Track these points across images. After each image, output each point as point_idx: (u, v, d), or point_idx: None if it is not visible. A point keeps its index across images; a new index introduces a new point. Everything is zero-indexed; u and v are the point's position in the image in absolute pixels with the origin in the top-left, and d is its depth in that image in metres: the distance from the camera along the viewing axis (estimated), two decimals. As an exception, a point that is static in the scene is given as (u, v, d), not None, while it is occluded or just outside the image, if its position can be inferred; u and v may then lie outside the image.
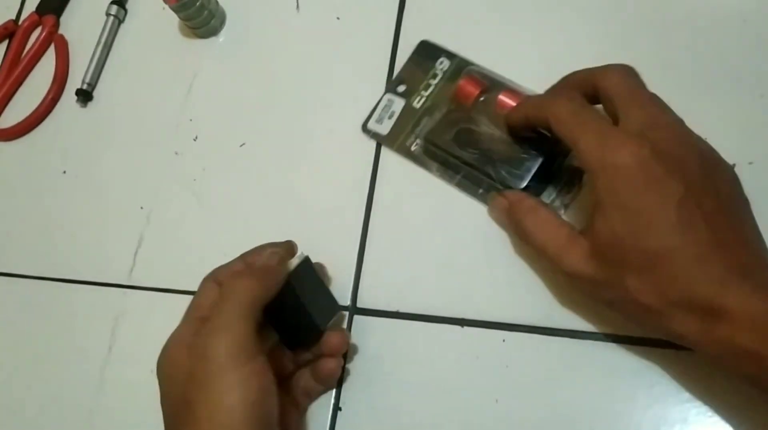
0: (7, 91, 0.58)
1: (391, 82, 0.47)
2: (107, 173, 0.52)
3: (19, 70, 0.58)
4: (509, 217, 0.39)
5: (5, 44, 0.60)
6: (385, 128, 0.46)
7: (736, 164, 0.36)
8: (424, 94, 0.46)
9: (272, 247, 0.40)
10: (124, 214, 0.50)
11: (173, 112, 0.52)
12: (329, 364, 0.40)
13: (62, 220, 0.52)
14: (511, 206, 0.39)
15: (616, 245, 0.33)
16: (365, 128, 0.47)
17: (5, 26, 0.60)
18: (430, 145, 0.44)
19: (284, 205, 0.47)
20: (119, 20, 0.57)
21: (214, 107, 0.52)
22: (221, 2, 0.54)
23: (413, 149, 0.45)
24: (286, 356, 0.41)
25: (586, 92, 0.37)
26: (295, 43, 0.51)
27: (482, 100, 0.42)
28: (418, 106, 0.46)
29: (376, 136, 0.46)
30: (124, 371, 0.46)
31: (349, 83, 0.49)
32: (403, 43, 0.48)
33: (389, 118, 0.46)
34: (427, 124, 0.45)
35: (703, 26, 0.42)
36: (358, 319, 0.42)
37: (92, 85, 0.56)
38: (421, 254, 0.43)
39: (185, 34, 0.55)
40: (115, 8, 0.57)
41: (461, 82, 0.43)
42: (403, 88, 0.47)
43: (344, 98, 0.48)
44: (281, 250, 0.40)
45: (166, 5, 0.51)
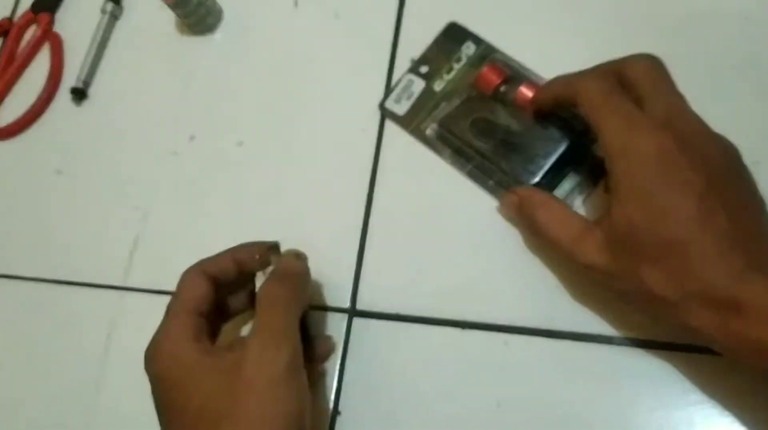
0: (1, 89, 0.57)
1: (413, 61, 0.46)
2: (103, 173, 0.52)
3: (13, 68, 0.58)
4: (521, 212, 0.39)
5: (0, 42, 0.60)
6: (402, 109, 0.45)
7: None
8: (445, 77, 0.45)
9: (259, 245, 0.40)
10: (120, 214, 0.50)
11: (169, 110, 0.52)
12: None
13: (57, 220, 0.52)
14: (521, 202, 0.39)
15: (632, 234, 0.32)
16: (382, 107, 0.46)
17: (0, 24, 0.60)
18: (445, 131, 0.43)
19: (283, 205, 0.46)
20: (115, 17, 0.57)
21: (211, 106, 0.51)
22: (218, -1, 0.54)
23: (428, 133, 0.44)
24: None
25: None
26: (292, 40, 0.51)
27: (503, 89, 0.42)
28: (438, 89, 0.45)
29: (392, 116, 0.46)
30: (121, 373, 0.46)
31: (347, 81, 0.48)
32: (402, 41, 0.48)
33: (407, 98, 0.45)
34: (444, 109, 0.44)
35: (705, 26, 0.42)
36: (357, 321, 0.42)
37: (87, 83, 0.55)
38: (421, 256, 0.42)
39: (181, 31, 0.54)
40: (110, 5, 0.56)
41: (483, 69, 0.42)
42: (425, 69, 0.46)
43: (343, 97, 0.48)
44: (260, 248, 0.40)
45: (162, 2, 0.51)
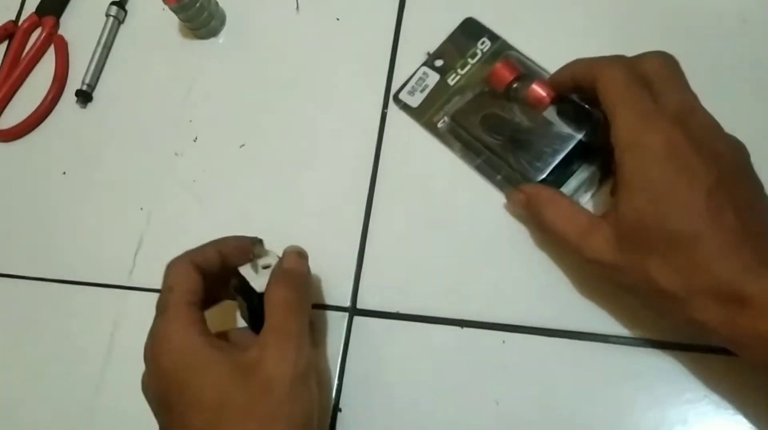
0: (6, 92, 0.58)
1: (429, 55, 0.47)
2: (107, 174, 0.52)
3: (18, 71, 0.58)
4: (528, 209, 0.39)
5: (5, 45, 0.60)
6: (415, 101, 0.46)
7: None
8: (460, 72, 0.46)
9: (243, 239, 0.40)
10: (124, 215, 0.50)
11: (173, 112, 0.52)
12: None
13: (62, 221, 0.52)
14: (528, 199, 0.39)
15: (640, 227, 0.32)
16: (396, 98, 0.47)
17: (5, 27, 0.60)
18: (455, 124, 0.43)
19: (284, 205, 0.47)
20: (119, 21, 0.57)
21: (214, 108, 0.52)
22: (221, 3, 0.54)
23: (439, 126, 0.45)
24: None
25: None
26: (294, 44, 0.51)
27: (515, 86, 0.42)
28: (452, 83, 0.46)
29: (405, 107, 0.46)
30: (124, 372, 0.46)
31: (348, 84, 0.49)
32: (403, 43, 0.48)
33: (421, 91, 0.46)
34: (456, 103, 0.44)
35: (702, 27, 0.42)
36: (357, 320, 0.42)
37: (92, 86, 0.56)
38: (421, 255, 0.43)
39: (185, 35, 0.55)
40: (114, 9, 0.57)
41: (497, 65, 0.43)
42: (440, 62, 0.46)
43: (344, 99, 0.48)
44: (244, 242, 0.40)
45: (166, 6, 0.51)
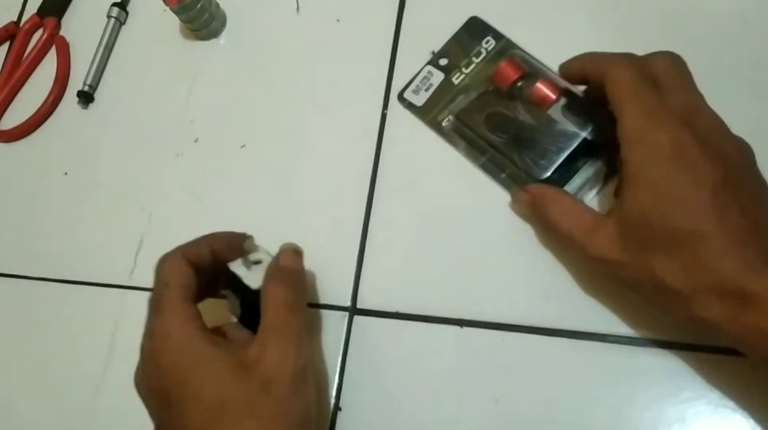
0: (8, 93, 0.58)
1: (434, 54, 0.47)
2: (108, 175, 0.53)
3: (20, 72, 0.58)
4: (533, 209, 0.39)
5: (6, 46, 0.60)
6: (420, 100, 0.46)
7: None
8: (464, 71, 0.46)
9: (234, 235, 0.41)
10: (125, 215, 0.50)
11: (174, 113, 0.52)
12: None
13: (64, 221, 0.52)
14: (533, 199, 0.39)
15: (644, 224, 0.32)
16: (401, 97, 0.47)
17: (6, 28, 0.60)
18: (460, 123, 0.44)
19: (285, 206, 0.47)
20: (120, 22, 0.57)
21: (214, 109, 0.52)
22: (222, 4, 0.54)
23: (444, 125, 0.45)
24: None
25: None
26: (295, 45, 0.51)
27: (519, 85, 0.42)
28: (456, 82, 0.46)
29: (410, 106, 0.46)
30: (124, 372, 0.45)
31: (349, 84, 0.49)
32: (403, 43, 0.49)
33: (426, 90, 0.46)
34: (461, 101, 0.45)
35: (702, 27, 0.42)
36: (357, 319, 0.43)
37: (93, 86, 0.56)
38: (421, 255, 0.43)
39: (186, 36, 0.55)
40: (116, 10, 0.57)
41: (501, 64, 0.43)
42: (444, 61, 0.47)
43: (344, 99, 0.48)
44: (235, 237, 0.41)
45: (167, 7, 0.51)
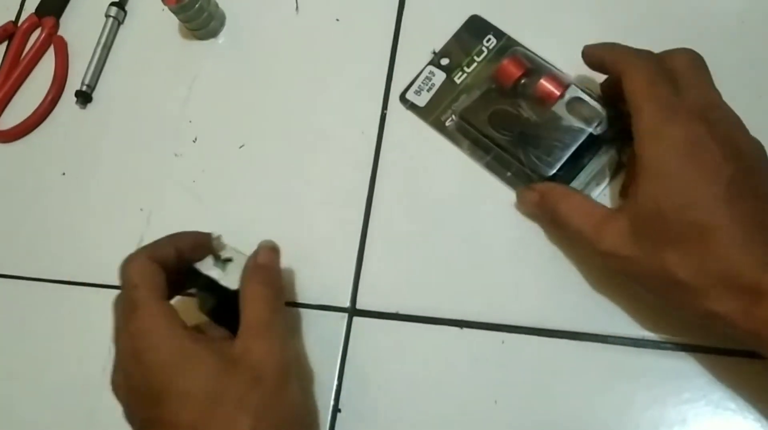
0: (6, 92, 0.58)
1: (435, 54, 0.47)
2: (107, 175, 0.52)
3: (18, 71, 0.58)
4: (542, 207, 0.39)
5: (4, 45, 0.60)
6: (422, 100, 0.46)
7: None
8: (466, 70, 0.46)
9: (198, 235, 0.41)
10: (123, 215, 0.50)
11: (173, 113, 0.52)
12: None
13: (62, 221, 0.52)
14: (542, 197, 0.39)
15: (657, 216, 0.32)
16: (403, 98, 0.47)
17: (4, 28, 0.60)
18: (464, 122, 0.43)
19: (284, 206, 0.47)
20: (119, 22, 0.57)
21: (213, 109, 0.52)
22: (221, 4, 0.54)
23: (447, 125, 0.45)
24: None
25: None
26: (294, 44, 0.51)
27: (523, 82, 0.42)
28: (458, 81, 0.46)
29: (412, 107, 0.46)
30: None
31: (348, 85, 0.49)
32: (403, 43, 0.49)
33: (428, 90, 0.46)
34: (464, 101, 0.44)
35: (700, 27, 0.42)
36: (357, 320, 0.43)
37: (91, 86, 0.56)
38: (420, 256, 0.43)
39: (185, 35, 0.55)
40: (114, 10, 0.57)
41: (504, 62, 0.42)
42: (446, 61, 0.46)
43: (343, 99, 0.48)
44: (199, 237, 0.41)
45: (165, 7, 0.51)
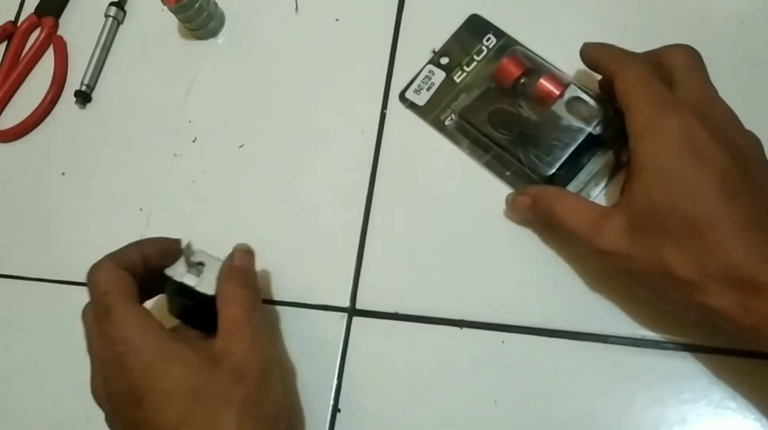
0: (5, 92, 0.58)
1: (435, 53, 0.47)
2: (106, 175, 0.52)
3: (17, 71, 0.58)
4: (535, 211, 0.39)
5: (4, 45, 0.60)
6: (422, 99, 0.46)
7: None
8: (466, 69, 0.46)
9: (165, 241, 0.41)
10: (123, 215, 0.50)
11: (172, 113, 0.52)
12: None
13: (61, 222, 0.52)
14: (534, 200, 0.39)
15: (654, 212, 0.32)
16: (402, 97, 0.47)
17: (4, 28, 0.60)
18: (463, 121, 0.43)
19: (283, 206, 0.47)
20: (118, 22, 0.57)
21: (213, 109, 0.52)
22: (220, 4, 0.54)
23: (447, 124, 0.45)
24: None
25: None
26: (294, 44, 0.51)
27: (522, 82, 0.42)
28: (458, 80, 0.46)
29: (412, 106, 0.46)
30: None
31: (348, 84, 0.49)
32: (403, 43, 0.48)
33: (427, 89, 0.46)
34: (464, 100, 0.44)
35: (700, 27, 0.42)
36: (357, 320, 0.43)
37: (91, 86, 0.56)
38: (420, 256, 0.43)
39: (184, 35, 0.55)
40: (114, 10, 0.57)
41: (503, 61, 0.42)
42: (446, 60, 0.46)
43: (343, 99, 0.48)
44: (165, 243, 0.41)
45: (165, 7, 0.51)
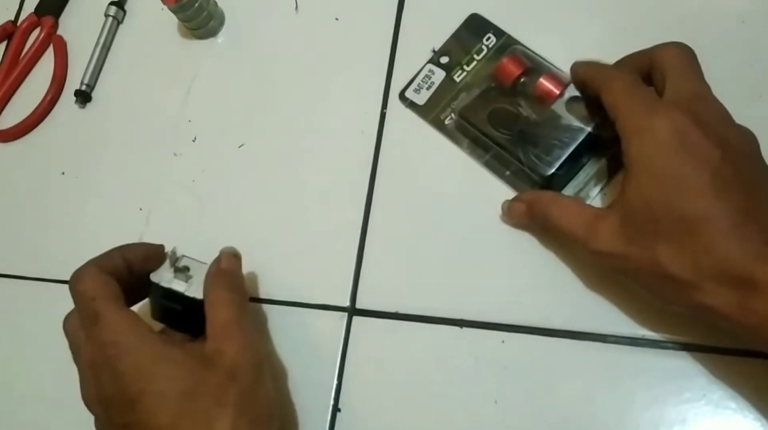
0: (5, 92, 0.58)
1: (435, 52, 0.47)
2: (106, 174, 0.52)
3: (17, 71, 0.58)
4: (531, 216, 0.39)
5: (4, 45, 0.60)
6: (422, 99, 0.46)
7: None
8: (466, 68, 0.46)
9: (147, 246, 0.41)
10: (123, 215, 0.50)
11: (172, 113, 0.52)
12: None
13: (61, 221, 0.52)
14: (529, 205, 0.39)
15: (648, 212, 0.32)
16: (402, 96, 0.47)
17: (4, 27, 0.60)
18: (463, 121, 0.43)
19: (283, 206, 0.47)
20: (118, 21, 0.57)
21: (212, 108, 0.52)
22: (220, 3, 0.54)
23: (447, 123, 0.45)
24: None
25: (642, 70, 0.37)
26: (293, 43, 0.51)
27: (522, 81, 0.42)
28: (458, 80, 0.46)
29: (412, 105, 0.46)
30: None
31: (348, 84, 0.49)
32: (403, 42, 0.48)
33: (427, 89, 0.46)
34: (463, 99, 0.44)
35: (700, 27, 0.42)
36: (357, 320, 0.43)
37: (91, 86, 0.56)
38: (420, 255, 0.43)
39: (184, 35, 0.55)
40: (113, 9, 0.57)
41: (503, 60, 0.42)
42: (446, 59, 0.46)
43: (343, 98, 0.48)
44: (148, 249, 0.40)
45: (164, 6, 0.51)
